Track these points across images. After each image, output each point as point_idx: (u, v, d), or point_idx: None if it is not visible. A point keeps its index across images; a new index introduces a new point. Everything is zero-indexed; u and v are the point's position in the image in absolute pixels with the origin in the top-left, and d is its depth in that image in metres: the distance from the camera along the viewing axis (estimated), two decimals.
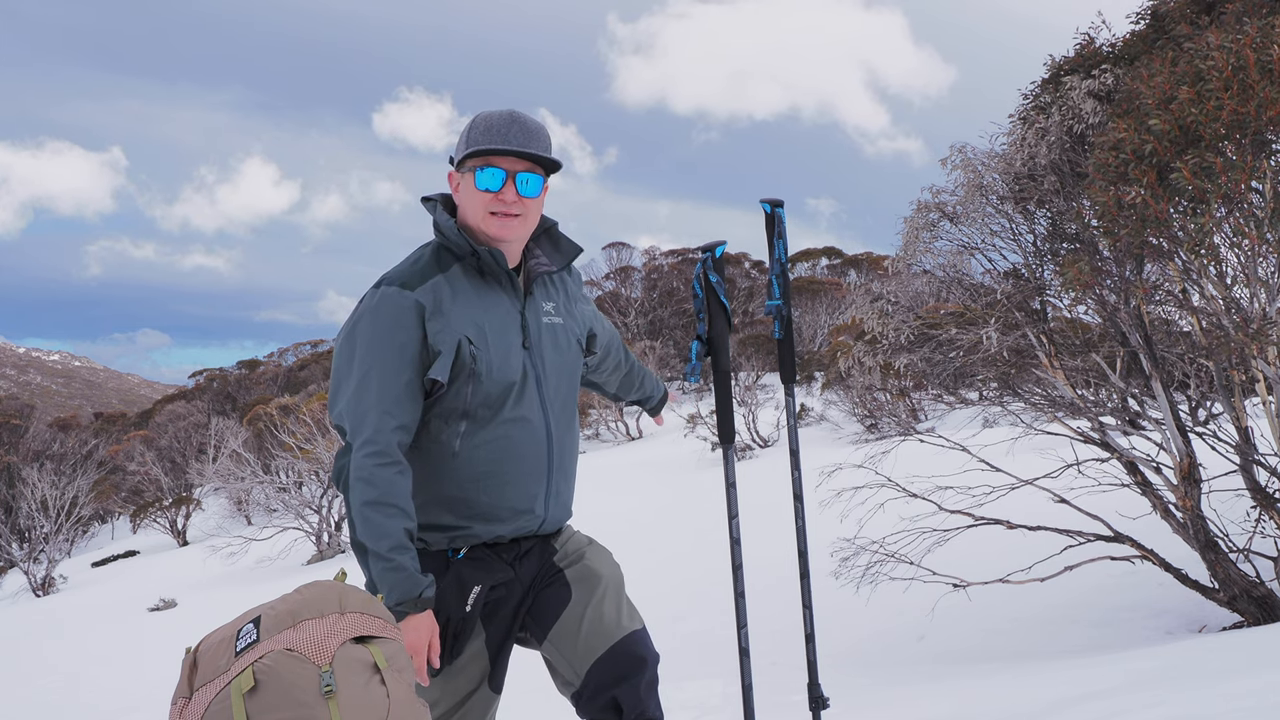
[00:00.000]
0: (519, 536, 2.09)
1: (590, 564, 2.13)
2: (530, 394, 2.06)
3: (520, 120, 2.04)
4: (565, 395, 2.13)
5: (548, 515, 2.11)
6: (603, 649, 2.01)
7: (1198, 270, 4.40)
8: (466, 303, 2.03)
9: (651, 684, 2.02)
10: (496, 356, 2.02)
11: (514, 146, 2.01)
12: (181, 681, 1.73)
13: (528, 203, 2.04)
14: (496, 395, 2.01)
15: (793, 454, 2.86)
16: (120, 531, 27.09)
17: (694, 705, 4.93)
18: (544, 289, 2.17)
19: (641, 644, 2.05)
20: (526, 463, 2.05)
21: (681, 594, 8.33)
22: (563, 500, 2.14)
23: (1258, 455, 4.80)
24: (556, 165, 2.08)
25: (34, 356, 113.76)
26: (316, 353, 42.62)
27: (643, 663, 2.02)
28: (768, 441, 18.72)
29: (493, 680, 2.08)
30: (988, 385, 6.02)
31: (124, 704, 7.77)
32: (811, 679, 2.70)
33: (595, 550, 2.18)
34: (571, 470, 2.16)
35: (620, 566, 2.20)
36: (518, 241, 2.10)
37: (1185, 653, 4.09)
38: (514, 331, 2.06)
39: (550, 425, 2.09)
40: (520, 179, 2.03)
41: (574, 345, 2.17)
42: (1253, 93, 3.76)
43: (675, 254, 36.32)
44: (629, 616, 2.08)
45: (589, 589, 2.08)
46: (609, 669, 1.98)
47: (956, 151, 5.21)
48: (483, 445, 2.02)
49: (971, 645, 5.50)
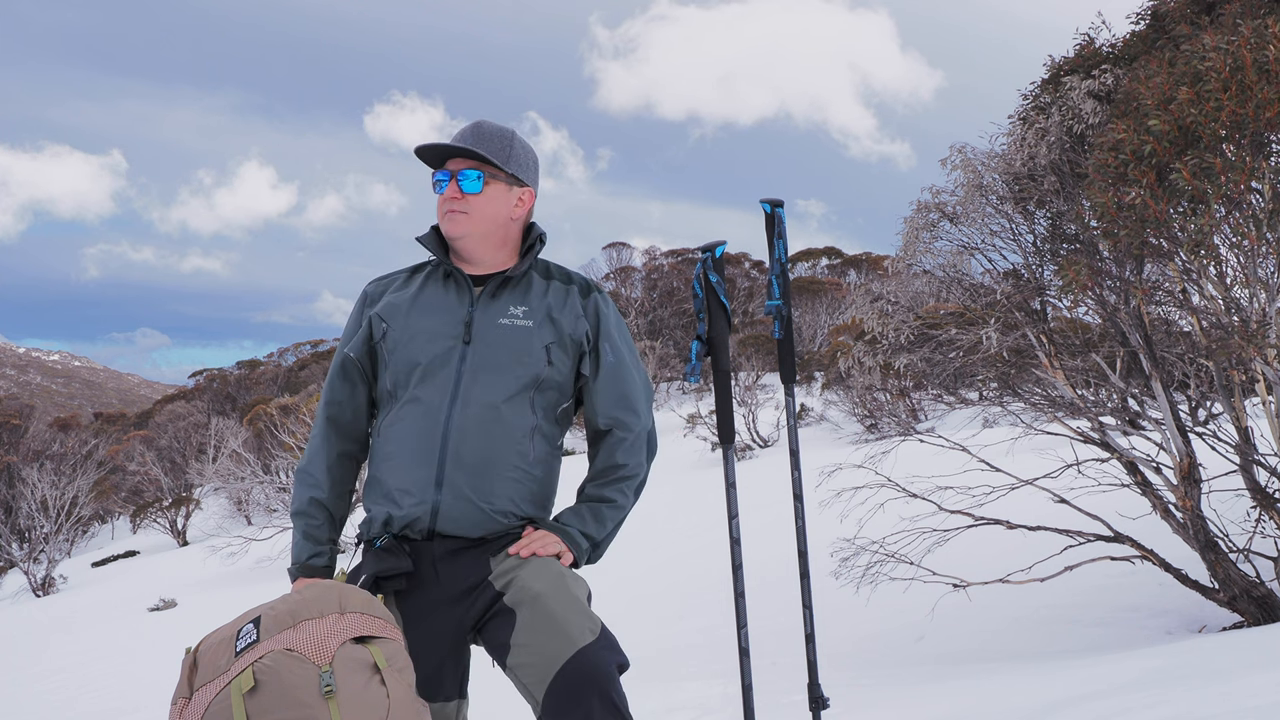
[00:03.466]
0: (415, 524, 2.05)
1: (526, 582, 2.01)
2: (440, 380, 2.08)
3: (475, 125, 2.18)
4: (496, 392, 2.08)
5: (439, 505, 2.04)
6: (551, 674, 1.90)
7: (1198, 271, 4.40)
8: (405, 292, 2.19)
9: (606, 704, 1.88)
10: (406, 335, 2.12)
11: (451, 142, 2.15)
12: (181, 681, 1.73)
13: (470, 199, 2.14)
14: (404, 375, 2.11)
15: (793, 454, 2.86)
16: (120, 531, 27.10)
17: (694, 705, 4.92)
18: (519, 294, 2.16)
19: (591, 660, 1.91)
20: (412, 442, 2.07)
21: (681, 594, 8.34)
22: (462, 495, 2.04)
23: (1258, 455, 4.80)
24: (505, 160, 2.15)
25: (34, 356, 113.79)
26: (316, 353, 42.64)
27: (592, 682, 1.88)
28: (768, 441, 18.73)
29: (422, 687, 1.98)
30: (988, 385, 6.02)
31: (124, 704, 7.76)
32: (811, 679, 2.70)
33: (531, 566, 2.04)
34: (482, 467, 2.06)
35: (566, 573, 2.06)
36: (474, 238, 2.16)
37: (1185, 653, 4.09)
38: (449, 323, 2.12)
39: (453, 414, 2.05)
40: (461, 176, 2.14)
41: (536, 349, 2.11)
42: (1251, 93, 3.77)
43: (675, 254, 36.34)
44: (578, 629, 1.94)
45: (529, 611, 1.97)
46: (561, 694, 1.89)
47: (956, 151, 5.21)
48: (389, 426, 2.12)
49: (971, 645, 5.50)
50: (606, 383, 2.20)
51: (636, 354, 2.30)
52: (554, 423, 2.17)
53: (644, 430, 2.25)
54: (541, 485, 2.15)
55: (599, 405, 2.21)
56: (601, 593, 2.19)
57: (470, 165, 2.14)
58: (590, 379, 2.20)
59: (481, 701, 2.56)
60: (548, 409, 2.15)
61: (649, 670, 5.66)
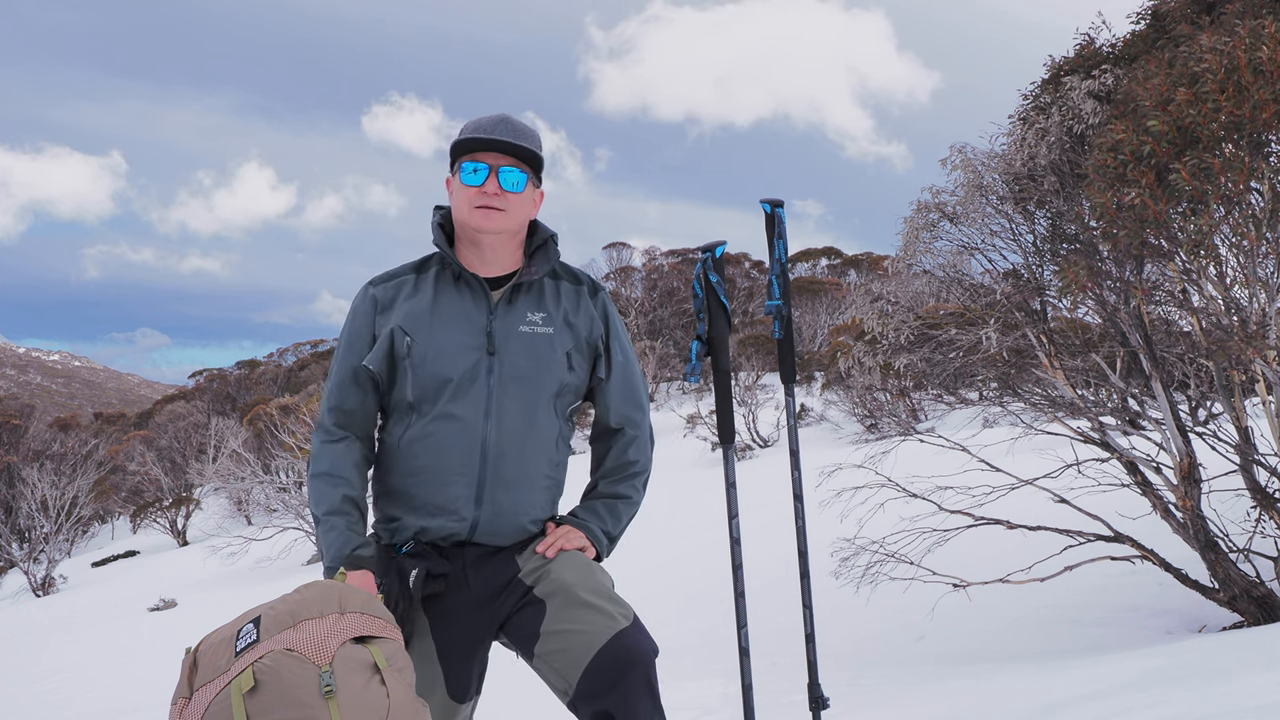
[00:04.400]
0: (451, 537, 2.07)
1: (556, 574, 2.05)
2: (473, 395, 2.06)
3: (508, 120, 2.12)
4: (527, 404, 2.09)
5: (478, 521, 2.07)
6: (588, 658, 1.92)
7: (1197, 271, 4.40)
8: (421, 299, 2.13)
9: (644, 685, 1.92)
10: (433, 350, 2.08)
11: (497, 136, 2.08)
12: (181, 681, 1.73)
13: (510, 197, 2.10)
14: (432, 390, 2.07)
15: (793, 454, 2.86)
16: (120, 531, 27.10)
17: (694, 705, 4.92)
18: (534, 298, 2.16)
19: (628, 644, 1.94)
20: (450, 460, 2.06)
21: (681, 594, 8.33)
22: (503, 510, 2.08)
23: (1258, 455, 4.80)
24: (539, 160, 2.13)
25: (34, 356, 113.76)
26: (316, 353, 42.64)
27: (630, 665, 1.91)
28: (768, 441, 18.73)
29: (450, 687, 2.04)
30: (988, 385, 6.02)
31: (124, 704, 7.76)
32: (811, 679, 2.70)
33: (560, 559, 2.09)
34: (521, 482, 2.10)
35: (593, 565, 2.11)
36: (505, 235, 2.13)
37: (1185, 653, 4.09)
38: (470, 333, 2.09)
39: (489, 429, 2.06)
40: (503, 172, 2.09)
41: (558, 357, 2.13)
42: (1248, 94, 3.77)
43: (675, 254, 36.34)
44: (611, 616, 1.97)
45: (562, 600, 2.00)
46: (597, 677, 1.91)
47: (956, 151, 5.21)
48: (416, 440, 2.08)
49: (971, 645, 5.50)
50: (619, 382, 2.25)
51: (634, 351, 2.36)
52: (569, 422, 2.22)
53: (648, 426, 2.33)
54: (560, 487, 2.22)
55: (612, 404, 2.25)
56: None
57: (513, 163, 2.10)
58: (604, 379, 2.23)
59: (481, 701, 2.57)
60: (565, 411, 2.19)
61: None
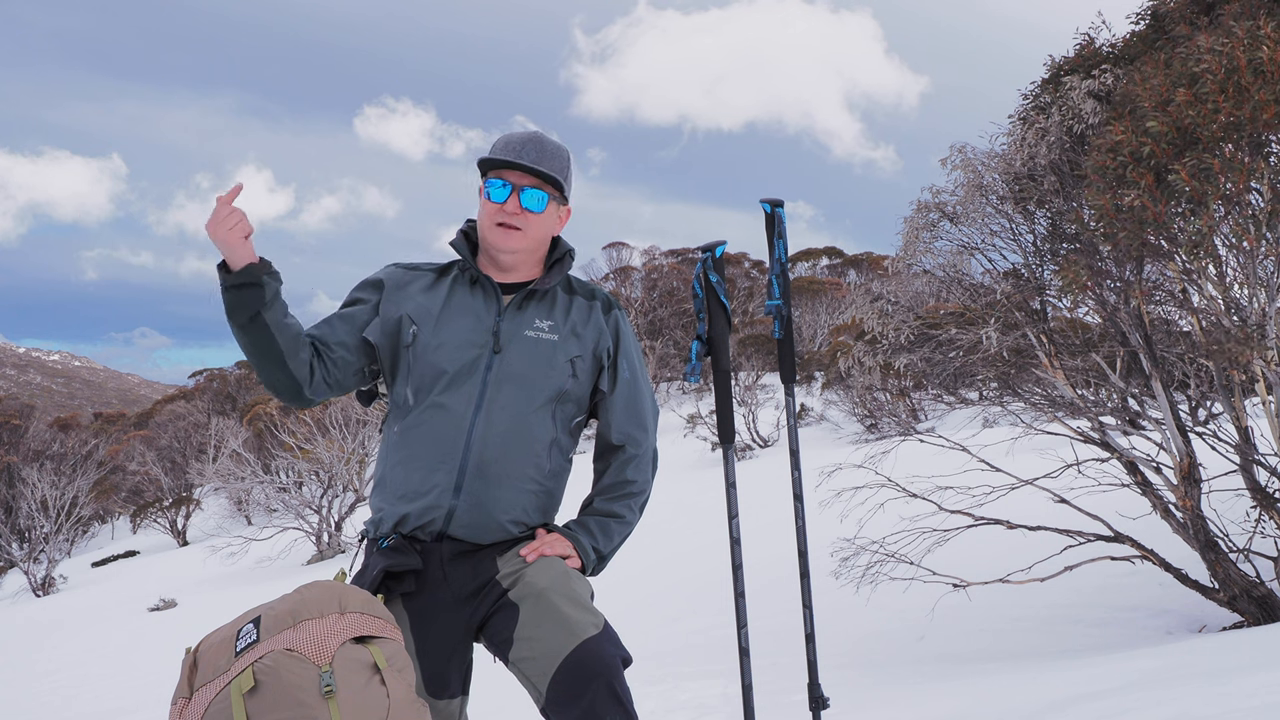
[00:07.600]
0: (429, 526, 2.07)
1: (531, 578, 2.04)
2: (466, 388, 2.09)
3: (538, 140, 2.16)
4: (521, 404, 2.11)
5: (455, 510, 2.07)
6: (555, 666, 1.93)
7: (1197, 271, 4.40)
8: (435, 296, 2.18)
9: (608, 695, 1.91)
10: (435, 342, 2.12)
11: (522, 160, 2.12)
12: (181, 681, 1.73)
13: (530, 216, 2.13)
14: (428, 381, 2.10)
15: (793, 454, 2.86)
16: (120, 531, 27.11)
17: (694, 705, 4.93)
18: (545, 307, 2.19)
19: (594, 652, 1.94)
20: (434, 447, 2.07)
21: (681, 594, 8.34)
22: (481, 503, 2.08)
23: (1258, 455, 4.80)
24: (559, 184, 2.16)
25: (34, 356, 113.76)
26: None
27: (595, 675, 1.92)
28: (768, 441, 18.73)
29: (427, 683, 2.04)
30: (988, 385, 6.02)
31: (124, 704, 7.77)
32: (811, 679, 2.70)
33: (539, 563, 2.09)
34: (503, 478, 2.09)
35: (570, 571, 2.09)
36: (523, 254, 2.17)
37: (1185, 653, 4.09)
38: (476, 330, 2.13)
39: (477, 422, 2.08)
40: (525, 192, 2.12)
41: (560, 362, 2.15)
42: (1247, 95, 3.76)
43: (674, 254, 36.33)
44: (580, 624, 1.97)
45: (533, 604, 2.01)
46: (565, 685, 1.92)
47: (956, 151, 5.21)
48: (409, 429, 2.11)
49: (971, 645, 5.50)
50: (622, 398, 2.25)
51: (647, 374, 2.35)
52: (570, 435, 2.22)
53: (651, 447, 2.31)
54: (551, 496, 2.20)
55: (614, 420, 2.25)
56: (602, 593, 2.20)
57: (536, 184, 2.14)
58: (607, 394, 2.24)
59: (480, 699, 2.57)
60: (566, 422, 2.19)
61: (649, 670, 5.67)
